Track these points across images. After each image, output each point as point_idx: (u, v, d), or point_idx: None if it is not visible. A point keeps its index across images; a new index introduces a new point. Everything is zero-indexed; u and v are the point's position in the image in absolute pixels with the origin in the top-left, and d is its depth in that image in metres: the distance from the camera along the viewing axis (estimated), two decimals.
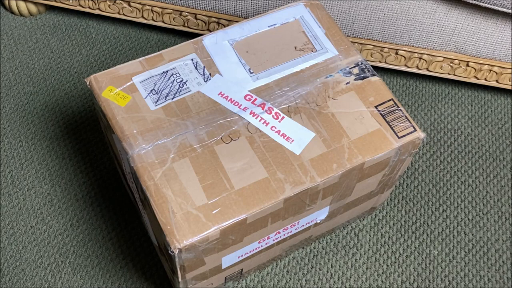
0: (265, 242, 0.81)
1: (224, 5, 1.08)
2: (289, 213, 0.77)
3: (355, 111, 0.79)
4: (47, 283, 0.93)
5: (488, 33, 1.04)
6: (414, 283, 0.96)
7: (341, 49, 0.85)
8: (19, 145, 1.08)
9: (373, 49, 1.10)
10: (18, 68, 1.18)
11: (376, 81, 0.82)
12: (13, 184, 1.03)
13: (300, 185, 0.72)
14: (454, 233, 1.01)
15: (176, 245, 0.67)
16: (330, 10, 1.04)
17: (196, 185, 0.71)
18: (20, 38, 1.23)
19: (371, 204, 0.95)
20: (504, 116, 1.17)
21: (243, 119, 0.77)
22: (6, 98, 1.14)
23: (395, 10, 1.02)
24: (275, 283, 0.95)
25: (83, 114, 1.12)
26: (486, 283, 0.96)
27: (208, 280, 0.82)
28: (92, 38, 1.24)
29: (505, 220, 1.03)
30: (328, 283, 0.95)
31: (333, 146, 0.76)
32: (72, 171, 1.05)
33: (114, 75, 0.80)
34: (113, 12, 1.17)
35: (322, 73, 0.83)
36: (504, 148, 1.12)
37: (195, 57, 0.83)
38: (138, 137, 0.75)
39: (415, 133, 0.78)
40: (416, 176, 1.08)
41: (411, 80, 1.21)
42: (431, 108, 1.17)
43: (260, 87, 0.80)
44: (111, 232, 0.99)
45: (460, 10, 1.02)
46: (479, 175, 1.08)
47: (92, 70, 1.19)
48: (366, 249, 0.99)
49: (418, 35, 1.06)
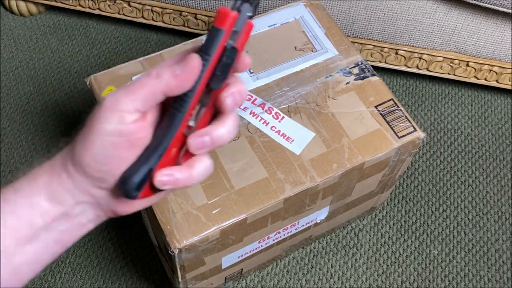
0: (265, 242, 0.81)
1: (224, 5, 1.08)
2: (289, 213, 0.77)
3: (355, 111, 0.79)
4: (47, 283, 0.93)
5: (488, 33, 1.04)
6: (414, 283, 0.96)
7: (341, 49, 0.85)
8: (19, 145, 1.08)
9: (373, 49, 1.10)
10: (18, 68, 1.18)
11: (376, 81, 0.82)
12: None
13: (300, 185, 0.72)
14: (454, 233, 1.01)
15: (176, 245, 0.67)
16: (330, 10, 1.04)
17: (196, 185, 0.71)
18: (20, 38, 1.23)
19: (371, 204, 0.95)
20: (504, 116, 1.17)
21: (243, 119, 0.77)
22: (6, 98, 1.14)
23: (395, 10, 1.02)
24: (275, 283, 0.95)
25: (83, 114, 1.12)
26: (486, 283, 0.96)
27: (208, 280, 0.82)
28: (92, 38, 1.24)
29: (505, 220, 1.03)
30: (328, 283, 0.95)
31: (333, 146, 0.76)
32: None
33: (114, 75, 0.80)
34: (113, 12, 1.17)
35: (322, 73, 0.83)
36: (504, 148, 1.12)
37: None
38: None
39: (415, 133, 0.78)
40: (416, 176, 1.08)
41: (411, 80, 1.21)
42: (431, 108, 1.17)
43: (260, 87, 0.80)
44: (111, 232, 0.99)
45: (460, 10, 1.02)
46: (479, 175, 1.08)
47: (92, 70, 1.19)
48: (366, 249, 0.99)
49: (418, 35, 1.06)
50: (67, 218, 0.41)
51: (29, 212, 0.40)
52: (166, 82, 0.38)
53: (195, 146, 0.40)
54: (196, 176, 0.41)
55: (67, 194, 0.40)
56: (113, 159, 0.39)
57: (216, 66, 0.39)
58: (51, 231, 0.41)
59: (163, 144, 0.39)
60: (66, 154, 0.41)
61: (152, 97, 0.38)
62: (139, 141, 0.39)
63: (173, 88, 0.38)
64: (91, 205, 0.42)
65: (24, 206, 0.40)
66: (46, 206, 0.40)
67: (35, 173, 0.41)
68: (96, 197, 0.41)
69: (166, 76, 0.38)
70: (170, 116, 0.39)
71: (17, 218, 0.40)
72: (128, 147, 0.39)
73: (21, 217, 0.40)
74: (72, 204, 0.41)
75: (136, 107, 0.38)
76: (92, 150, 0.39)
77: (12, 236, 0.40)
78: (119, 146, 0.39)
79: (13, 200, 0.40)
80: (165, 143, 0.39)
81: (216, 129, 0.40)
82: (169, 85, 0.38)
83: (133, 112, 0.38)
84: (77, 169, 0.40)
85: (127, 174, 0.39)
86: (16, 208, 0.40)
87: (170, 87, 0.38)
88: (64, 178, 0.40)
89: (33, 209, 0.40)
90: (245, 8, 0.40)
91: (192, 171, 0.41)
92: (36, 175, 0.41)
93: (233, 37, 0.39)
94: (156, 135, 0.40)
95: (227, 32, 0.39)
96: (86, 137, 0.39)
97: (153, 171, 0.39)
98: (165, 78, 0.38)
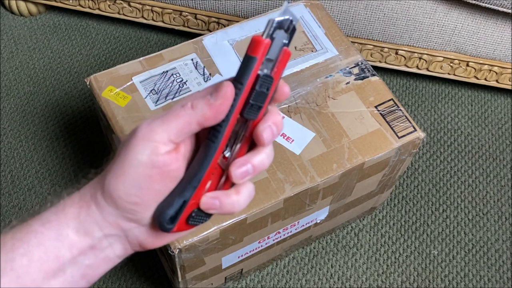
0: (265, 242, 0.81)
1: (224, 5, 1.08)
2: (289, 213, 0.77)
3: (355, 111, 0.79)
4: None
5: (488, 33, 1.04)
6: (414, 283, 0.96)
7: (341, 49, 0.85)
8: (19, 145, 1.08)
9: (373, 49, 1.10)
10: (18, 68, 1.18)
11: (376, 81, 0.82)
12: (13, 184, 1.03)
13: (300, 185, 0.72)
14: (454, 233, 1.01)
15: (176, 245, 0.67)
16: (330, 10, 1.04)
17: None
18: (20, 38, 1.23)
19: (371, 204, 0.95)
20: (504, 116, 1.17)
21: None
22: (6, 98, 1.14)
23: (395, 10, 1.02)
24: (275, 283, 0.95)
25: (83, 114, 1.12)
26: (486, 283, 0.96)
27: (208, 280, 0.82)
28: (92, 38, 1.24)
29: (505, 220, 1.03)
30: (328, 283, 0.95)
31: (333, 146, 0.76)
32: (72, 171, 1.05)
33: (114, 75, 0.80)
34: (113, 12, 1.17)
35: (322, 73, 0.83)
36: (504, 148, 1.12)
37: (195, 57, 0.83)
38: None
39: (415, 133, 0.78)
40: (416, 176, 1.08)
41: (411, 80, 1.21)
42: (431, 108, 1.17)
43: None
44: None
45: (460, 10, 1.02)
46: (479, 175, 1.08)
47: (92, 70, 1.19)
48: (366, 249, 0.99)
49: (418, 35, 1.06)
50: (94, 252, 0.40)
51: (57, 244, 0.39)
52: (201, 111, 0.37)
53: (238, 175, 0.39)
54: (243, 201, 0.40)
55: (95, 226, 0.39)
56: (145, 191, 0.38)
57: (249, 95, 0.38)
58: (77, 265, 0.40)
59: (197, 175, 0.38)
60: (96, 185, 0.40)
61: (187, 128, 0.38)
62: (172, 173, 0.38)
63: (208, 117, 0.37)
64: (119, 238, 0.40)
65: (51, 238, 0.39)
66: (73, 239, 0.39)
67: (64, 204, 0.40)
68: (125, 230, 0.40)
69: (200, 105, 0.37)
70: (204, 147, 0.39)
71: (44, 251, 0.38)
72: (161, 179, 0.38)
73: (49, 249, 0.39)
74: (100, 236, 0.40)
75: (170, 137, 0.37)
76: (124, 181, 0.38)
77: (39, 269, 0.38)
78: (152, 178, 0.38)
79: (40, 232, 0.39)
80: (199, 175, 0.38)
81: (256, 156, 0.40)
82: (204, 115, 0.37)
83: (166, 143, 0.37)
84: (107, 200, 0.39)
85: (162, 206, 0.39)
86: (44, 240, 0.39)
87: (205, 116, 0.37)
88: (93, 209, 0.39)
89: (61, 242, 0.39)
90: (279, 35, 0.38)
91: (239, 197, 0.40)
92: (65, 206, 0.40)
93: (267, 65, 0.38)
94: (191, 167, 0.39)
95: (260, 60, 0.38)
96: (118, 168, 0.38)
97: (188, 203, 0.39)
98: (199, 108, 0.37)
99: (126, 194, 0.38)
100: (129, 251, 0.42)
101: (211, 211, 0.40)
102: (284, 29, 0.38)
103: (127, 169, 0.38)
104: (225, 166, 0.40)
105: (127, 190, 0.38)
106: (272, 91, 0.39)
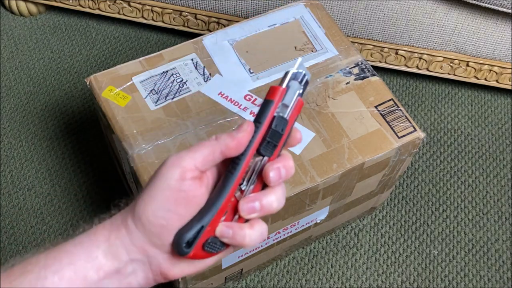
0: (265, 242, 0.81)
1: (224, 5, 1.08)
2: (289, 213, 0.77)
3: (355, 111, 0.79)
4: None
5: (488, 33, 1.04)
6: (414, 283, 0.96)
7: (341, 49, 0.85)
8: (19, 145, 1.08)
9: (373, 49, 1.10)
10: (18, 68, 1.18)
11: (376, 81, 0.82)
12: (13, 184, 1.03)
13: (300, 185, 0.72)
14: (454, 233, 1.01)
15: None
16: (330, 10, 1.04)
17: None
18: (20, 38, 1.23)
19: (371, 204, 0.95)
20: (504, 116, 1.17)
21: (243, 119, 0.77)
22: (6, 98, 1.14)
23: (395, 10, 1.02)
24: (275, 283, 0.95)
25: (83, 114, 1.12)
26: (486, 283, 0.96)
27: (208, 280, 0.82)
28: (92, 38, 1.24)
29: (505, 220, 1.03)
30: (328, 283, 0.95)
31: (333, 146, 0.76)
32: (72, 171, 1.05)
33: (114, 75, 0.80)
34: (113, 12, 1.17)
35: (322, 73, 0.83)
36: (504, 148, 1.12)
37: (195, 57, 0.83)
38: (138, 137, 0.75)
39: (415, 133, 0.78)
40: (416, 176, 1.08)
41: (411, 80, 1.21)
42: (431, 108, 1.17)
43: (260, 87, 0.80)
44: None
45: (460, 10, 1.02)
46: (479, 175, 1.08)
47: (92, 70, 1.19)
48: (366, 249, 0.99)
49: (418, 35, 1.06)
50: (118, 277, 0.42)
51: (86, 265, 0.41)
52: (224, 142, 0.42)
53: (245, 210, 0.43)
54: (254, 237, 0.43)
55: (123, 249, 0.42)
56: (171, 214, 0.41)
57: (266, 133, 0.43)
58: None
59: (216, 203, 0.42)
60: (127, 211, 0.43)
61: (211, 156, 0.42)
62: (195, 199, 0.42)
63: (231, 147, 0.42)
64: (143, 265, 0.43)
65: (82, 258, 0.41)
66: (102, 261, 0.41)
67: (96, 228, 0.43)
68: (149, 255, 0.42)
69: (224, 137, 0.42)
70: (224, 178, 0.43)
71: (74, 270, 0.41)
72: (185, 204, 0.41)
73: (79, 269, 0.41)
74: (126, 260, 0.42)
75: (196, 164, 0.41)
76: (152, 204, 0.41)
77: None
78: (178, 201, 0.41)
79: (72, 252, 0.41)
80: (218, 203, 0.42)
81: (265, 196, 0.43)
82: (227, 145, 0.42)
83: (193, 169, 0.41)
84: (137, 223, 0.42)
85: (181, 231, 0.41)
86: (75, 260, 0.41)
87: (228, 146, 0.42)
88: (123, 232, 0.42)
89: (90, 263, 0.41)
90: (294, 85, 0.43)
91: (251, 231, 0.43)
92: (97, 229, 0.43)
93: (283, 110, 0.43)
94: (210, 196, 0.43)
95: (276, 103, 0.43)
96: (148, 193, 0.42)
97: (205, 228, 0.42)
98: (223, 139, 0.42)
99: (154, 215, 0.41)
100: (151, 281, 0.44)
101: (224, 239, 0.43)
102: (298, 80, 0.44)
103: (156, 192, 0.41)
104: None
105: (155, 212, 0.41)
106: (286, 133, 0.43)
